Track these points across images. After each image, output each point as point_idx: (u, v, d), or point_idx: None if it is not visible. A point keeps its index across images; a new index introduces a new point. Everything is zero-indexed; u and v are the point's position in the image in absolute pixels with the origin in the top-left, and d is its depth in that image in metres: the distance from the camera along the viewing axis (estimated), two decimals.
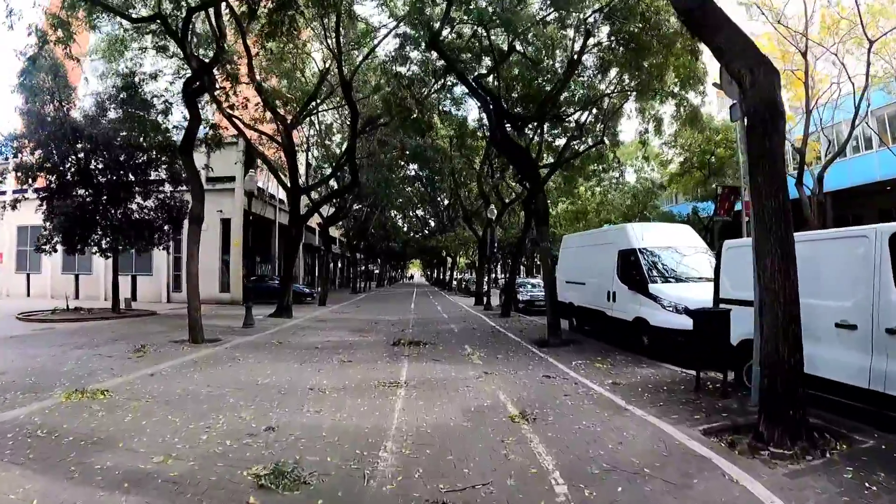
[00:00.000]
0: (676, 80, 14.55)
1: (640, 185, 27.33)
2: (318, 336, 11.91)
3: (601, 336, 11.27)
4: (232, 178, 25.28)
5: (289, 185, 17.65)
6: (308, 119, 23.92)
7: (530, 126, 18.10)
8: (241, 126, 17.58)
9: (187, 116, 15.53)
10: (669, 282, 9.55)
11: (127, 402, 5.87)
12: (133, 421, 5.14)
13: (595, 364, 8.22)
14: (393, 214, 53.45)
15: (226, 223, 25.29)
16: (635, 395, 6.12)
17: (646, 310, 9.30)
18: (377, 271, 61.35)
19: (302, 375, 7.35)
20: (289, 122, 17.51)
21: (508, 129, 19.88)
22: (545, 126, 18.52)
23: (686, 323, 8.49)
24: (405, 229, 57.60)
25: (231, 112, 17.27)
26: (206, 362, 8.39)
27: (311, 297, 24.63)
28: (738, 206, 20.19)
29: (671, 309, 8.84)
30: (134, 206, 17.28)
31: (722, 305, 7.17)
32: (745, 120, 5.32)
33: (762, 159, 4.89)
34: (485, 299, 21.31)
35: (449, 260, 51.92)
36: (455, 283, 45.52)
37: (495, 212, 20.46)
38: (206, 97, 15.90)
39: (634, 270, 9.94)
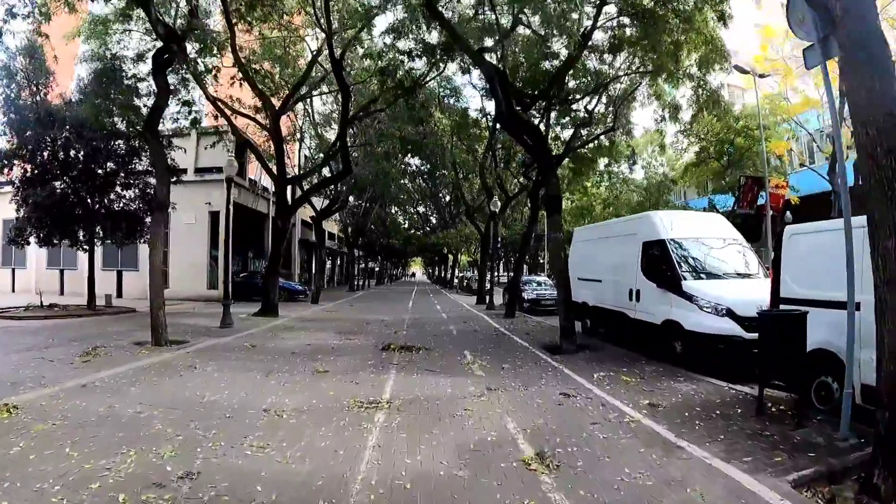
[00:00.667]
0: (695, 58, 13.19)
1: (651, 179, 25.77)
2: (298, 339, 10.53)
3: (620, 341, 9.85)
4: (221, 169, 23.93)
5: (275, 172, 16.27)
6: (303, 109, 22.57)
7: (536, 111, 16.73)
8: (224, 109, 16.21)
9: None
10: (705, 278, 8.12)
11: (31, 423, 4.53)
12: (20, 454, 3.80)
13: (621, 377, 6.80)
14: (393, 210, 52.18)
15: (214, 216, 23.96)
16: (685, 424, 4.70)
17: (678, 311, 7.87)
18: (377, 269, 60.01)
19: (262, 391, 5.96)
20: (277, 107, 16.16)
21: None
22: (552, 115, 17.10)
23: (728, 327, 7.12)
24: (406, 226, 56.30)
25: (216, 96, 15.99)
26: (155, 371, 7.00)
27: (304, 295, 23.28)
28: (760, 200, 18.90)
29: (710, 310, 7.41)
30: (113, 197, 16.01)
31: (783, 306, 5.76)
32: (841, 57, 3.93)
33: (872, 103, 3.49)
34: (487, 298, 19.92)
35: (451, 257, 50.49)
36: (456, 281, 44.08)
37: (499, 205, 19.03)
38: (195, 85, 14.70)
39: (663, 265, 8.51)
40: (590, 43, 12.51)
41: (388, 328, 12.54)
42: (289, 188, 19.24)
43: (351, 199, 39.24)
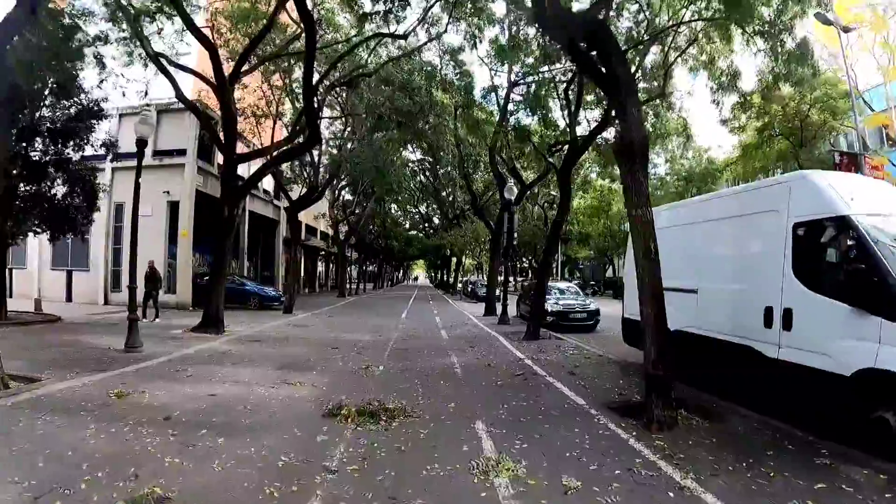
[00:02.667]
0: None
1: (693, 164, 21.63)
2: (210, 380, 6.55)
3: (738, 393, 5.80)
4: (182, 152, 20.14)
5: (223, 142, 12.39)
6: (282, 81, 18.66)
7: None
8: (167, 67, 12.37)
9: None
10: None
11: None
12: None
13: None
14: (393, 209, 48.32)
15: (174, 207, 20.13)
16: None
17: (892, 352, 3.89)
18: (375, 272, 56.08)
19: None
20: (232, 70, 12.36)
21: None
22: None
23: None
24: (407, 226, 52.45)
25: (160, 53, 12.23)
26: None
27: (279, 303, 19.36)
28: None
29: None
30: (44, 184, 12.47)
31: None
32: None
33: None
34: (499, 308, 15.98)
35: (454, 260, 46.47)
36: (460, 286, 39.89)
37: (514, 191, 15.01)
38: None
39: (851, 263, 4.51)
40: None
41: (360, 355, 8.57)
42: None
43: (347, 195, 35.62)
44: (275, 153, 13.76)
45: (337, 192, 31.11)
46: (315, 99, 13.26)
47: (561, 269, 44.99)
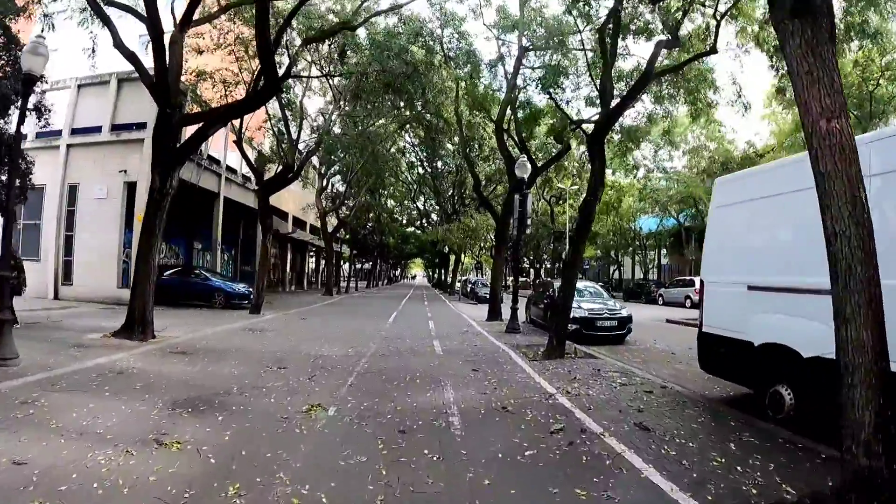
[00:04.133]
0: None
1: (728, 149, 18.75)
2: (39, 431, 3.77)
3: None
4: (143, 126, 17.38)
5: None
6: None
7: None
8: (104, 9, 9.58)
9: None
10: None
11: None
12: None
13: None
14: (390, 204, 45.50)
15: (132, 189, 17.37)
16: None
17: None
18: (369, 269, 53.26)
19: None
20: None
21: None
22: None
23: None
24: (404, 222, 49.62)
25: None
26: None
27: (248, 300, 16.55)
28: None
29: None
30: None
31: None
32: None
33: None
34: (504, 312, 13.20)
35: (452, 258, 43.63)
36: (458, 285, 36.91)
37: (528, 168, 12.17)
38: None
39: None
40: None
41: (311, 382, 5.78)
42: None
43: (339, 185, 32.76)
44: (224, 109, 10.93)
45: (326, 180, 28.37)
46: (279, 42, 10.49)
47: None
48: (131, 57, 10.97)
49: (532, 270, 45.63)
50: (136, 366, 6.51)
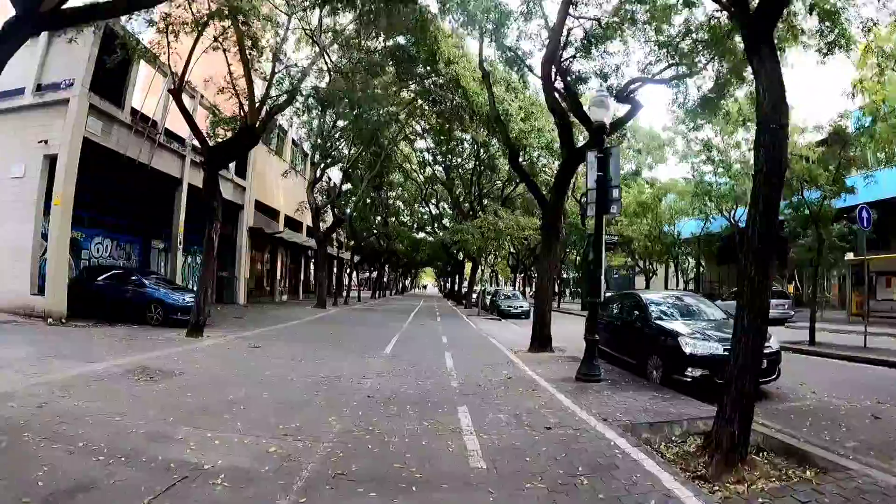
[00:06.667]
0: None
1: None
2: None
3: None
4: (72, 84, 13.16)
5: None
6: None
7: None
8: None
9: None
10: None
11: None
12: None
13: None
14: (399, 207, 41.25)
15: (52, 164, 13.11)
16: None
17: None
18: (375, 278, 48.86)
19: None
20: None
21: None
22: None
23: None
24: (414, 228, 45.31)
25: None
26: None
27: (202, 317, 11.90)
28: None
29: None
30: None
31: None
32: None
33: None
34: (557, 340, 8.45)
35: (468, 265, 38.85)
36: (475, 296, 31.76)
37: (609, 105, 7.51)
38: None
39: None
40: None
41: None
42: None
43: (335, 177, 28.42)
44: None
45: (320, 171, 24.05)
46: None
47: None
48: None
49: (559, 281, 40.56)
50: None
